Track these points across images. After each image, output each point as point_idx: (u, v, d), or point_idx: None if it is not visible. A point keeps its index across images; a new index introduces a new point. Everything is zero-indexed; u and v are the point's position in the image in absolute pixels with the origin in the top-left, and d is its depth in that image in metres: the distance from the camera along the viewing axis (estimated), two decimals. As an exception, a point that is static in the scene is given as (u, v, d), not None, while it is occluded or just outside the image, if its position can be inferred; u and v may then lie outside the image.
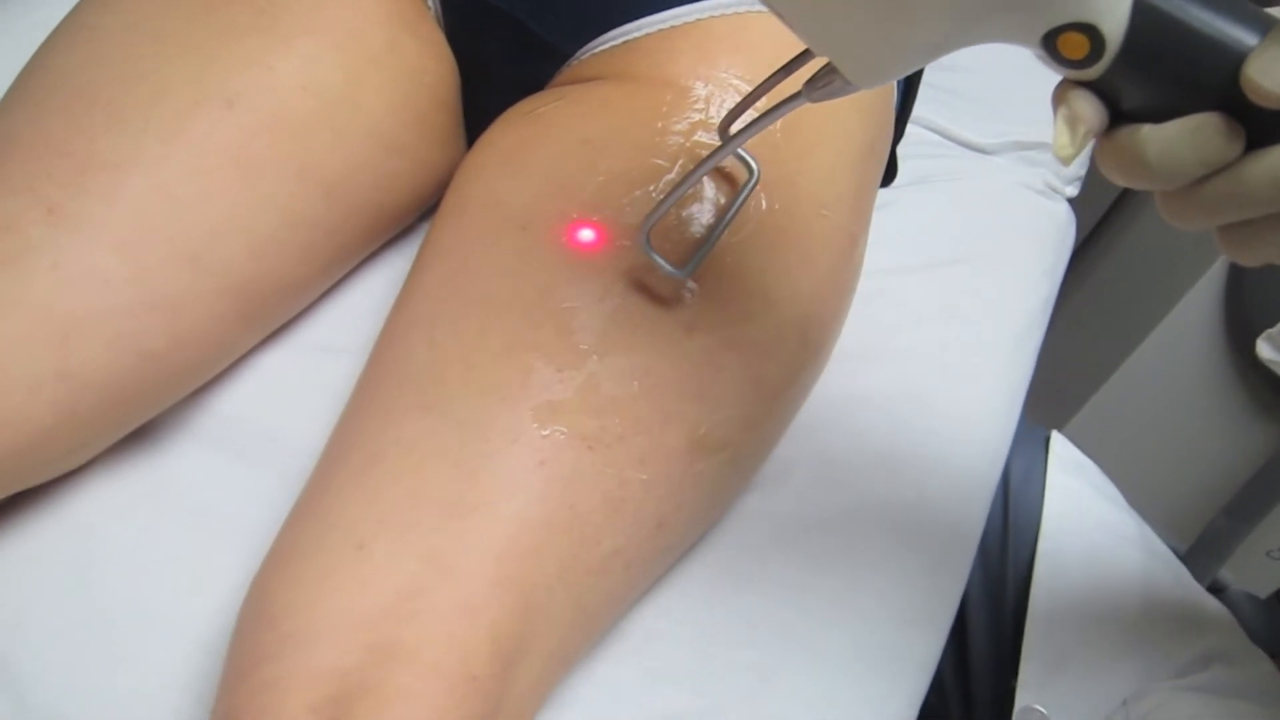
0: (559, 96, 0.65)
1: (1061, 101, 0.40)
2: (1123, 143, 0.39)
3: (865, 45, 0.42)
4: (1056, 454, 0.92)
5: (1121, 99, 0.40)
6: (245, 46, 0.63)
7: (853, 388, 0.77)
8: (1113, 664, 0.78)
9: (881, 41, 0.41)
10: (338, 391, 0.68)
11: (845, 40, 0.42)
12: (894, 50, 0.41)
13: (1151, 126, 0.39)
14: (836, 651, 0.66)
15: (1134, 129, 0.39)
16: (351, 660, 0.47)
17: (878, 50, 0.42)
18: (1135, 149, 0.39)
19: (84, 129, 0.59)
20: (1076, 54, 0.38)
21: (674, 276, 0.56)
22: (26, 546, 0.62)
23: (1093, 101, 0.40)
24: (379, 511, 0.51)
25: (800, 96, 0.47)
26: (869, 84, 0.43)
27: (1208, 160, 0.38)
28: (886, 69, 0.42)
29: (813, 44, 0.43)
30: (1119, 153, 0.40)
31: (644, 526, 0.56)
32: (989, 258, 0.91)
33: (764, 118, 0.49)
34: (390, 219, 0.73)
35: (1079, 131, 0.39)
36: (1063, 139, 0.40)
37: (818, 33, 0.42)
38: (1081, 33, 0.38)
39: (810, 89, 0.46)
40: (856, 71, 0.43)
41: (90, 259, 0.57)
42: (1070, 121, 0.39)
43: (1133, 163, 0.39)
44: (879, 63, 0.42)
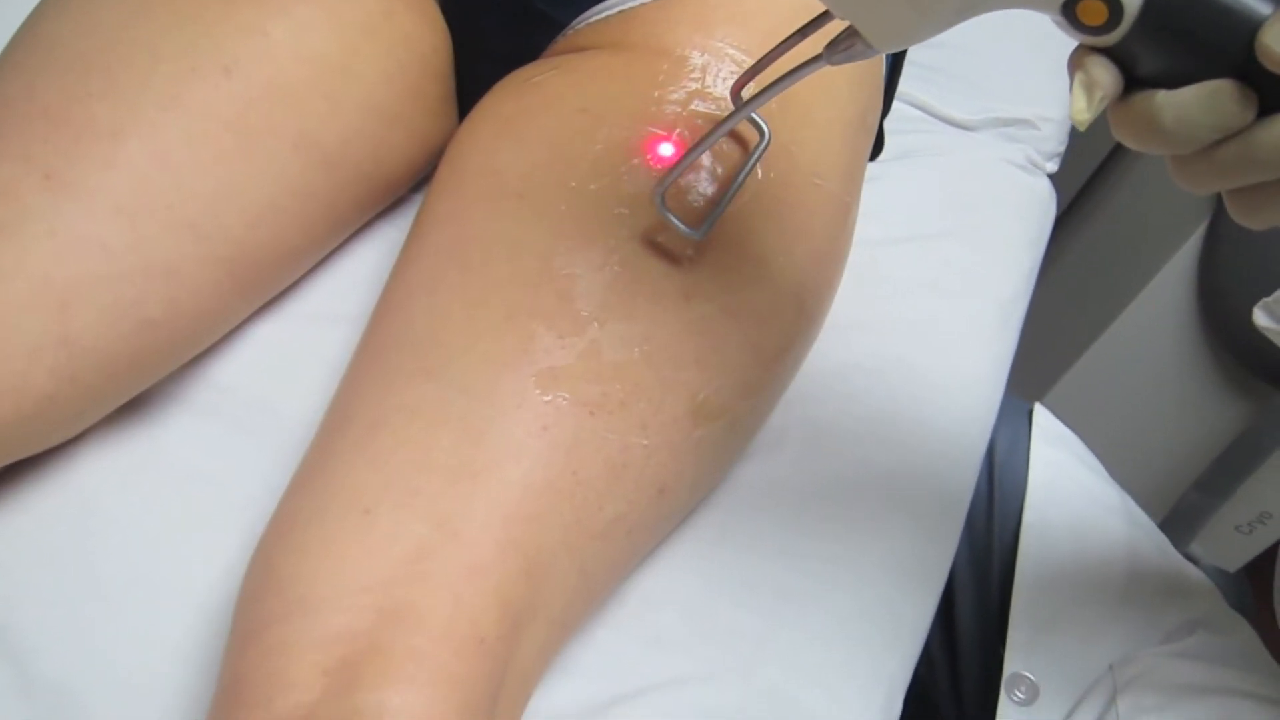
0: (555, 66, 0.65)
1: (1078, 67, 0.40)
2: (1138, 108, 0.40)
3: (889, 9, 0.42)
4: (1040, 426, 0.93)
5: (1137, 65, 0.40)
6: (241, 13, 0.63)
7: (844, 356, 0.78)
8: (1099, 631, 0.79)
9: (906, 6, 0.41)
10: (332, 360, 0.68)
11: (869, 4, 0.42)
12: (918, 14, 0.41)
13: (1166, 93, 0.39)
14: (832, 616, 0.67)
15: (1149, 95, 0.40)
16: (361, 623, 0.47)
17: (901, 14, 0.42)
18: (1151, 114, 0.39)
19: (80, 96, 0.59)
20: (1095, 20, 0.39)
21: (689, 236, 0.56)
22: (25, 518, 0.62)
23: (1109, 67, 0.40)
24: (384, 477, 0.51)
25: (820, 60, 0.47)
26: (891, 48, 0.43)
27: (1221, 126, 0.39)
28: (909, 33, 0.42)
29: (835, 7, 0.43)
30: (1134, 118, 0.40)
31: (645, 492, 0.56)
32: (974, 231, 0.91)
33: (782, 80, 0.49)
34: (384, 189, 0.73)
35: (1095, 97, 0.40)
36: (1079, 104, 0.40)
37: None
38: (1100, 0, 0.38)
39: (831, 52, 0.46)
40: (879, 35, 0.43)
41: (88, 226, 0.57)
42: (1087, 87, 0.40)
43: (1148, 128, 0.40)
44: (902, 27, 0.42)
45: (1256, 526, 1.39)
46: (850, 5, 0.43)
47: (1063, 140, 1.06)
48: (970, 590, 0.86)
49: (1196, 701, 0.72)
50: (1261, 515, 1.38)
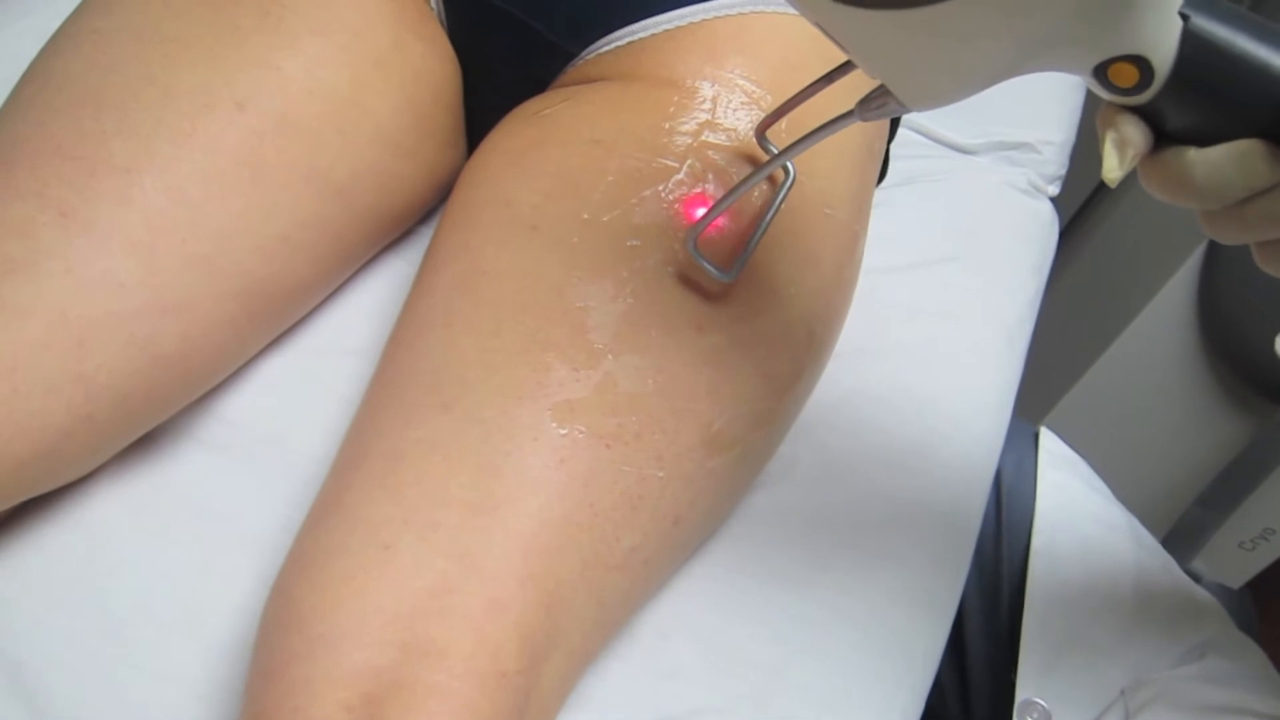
0: (565, 97, 0.65)
1: (1109, 125, 0.41)
2: (1169, 165, 0.41)
3: (924, 72, 0.42)
4: (1046, 449, 0.93)
5: (1166, 122, 0.41)
6: (252, 48, 0.63)
7: (852, 384, 0.78)
8: (1109, 655, 0.79)
9: (941, 70, 0.42)
10: (342, 394, 0.69)
11: (904, 67, 0.43)
12: (952, 78, 0.42)
13: (1197, 150, 0.40)
14: (844, 645, 0.67)
15: (1180, 151, 0.41)
16: (384, 659, 0.47)
17: (936, 77, 0.42)
18: (1182, 172, 0.41)
19: (94, 132, 0.59)
20: (1127, 83, 0.40)
21: (720, 280, 0.57)
22: (38, 556, 0.62)
23: (1140, 126, 0.41)
24: (403, 511, 0.51)
25: (852, 115, 0.47)
26: (922, 107, 0.44)
27: (1252, 185, 0.40)
28: (942, 95, 0.43)
29: (869, 69, 0.44)
30: (1165, 174, 0.41)
31: (661, 523, 0.56)
32: (978, 256, 0.92)
33: (815, 133, 0.50)
34: (395, 221, 0.73)
35: (1127, 155, 0.41)
36: (1111, 161, 0.41)
37: (876, 59, 0.43)
38: (1132, 63, 0.39)
39: (863, 109, 0.46)
40: (911, 95, 0.44)
41: (104, 262, 0.57)
42: (1119, 145, 0.41)
43: (1179, 184, 0.41)
44: (935, 88, 0.43)
45: (1260, 543, 1.39)
46: (884, 67, 0.43)
47: (1064, 163, 1.06)
48: (980, 616, 0.86)
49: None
50: (1265, 531, 1.38)
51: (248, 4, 0.64)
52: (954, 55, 0.41)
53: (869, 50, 0.43)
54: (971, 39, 0.40)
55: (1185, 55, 0.39)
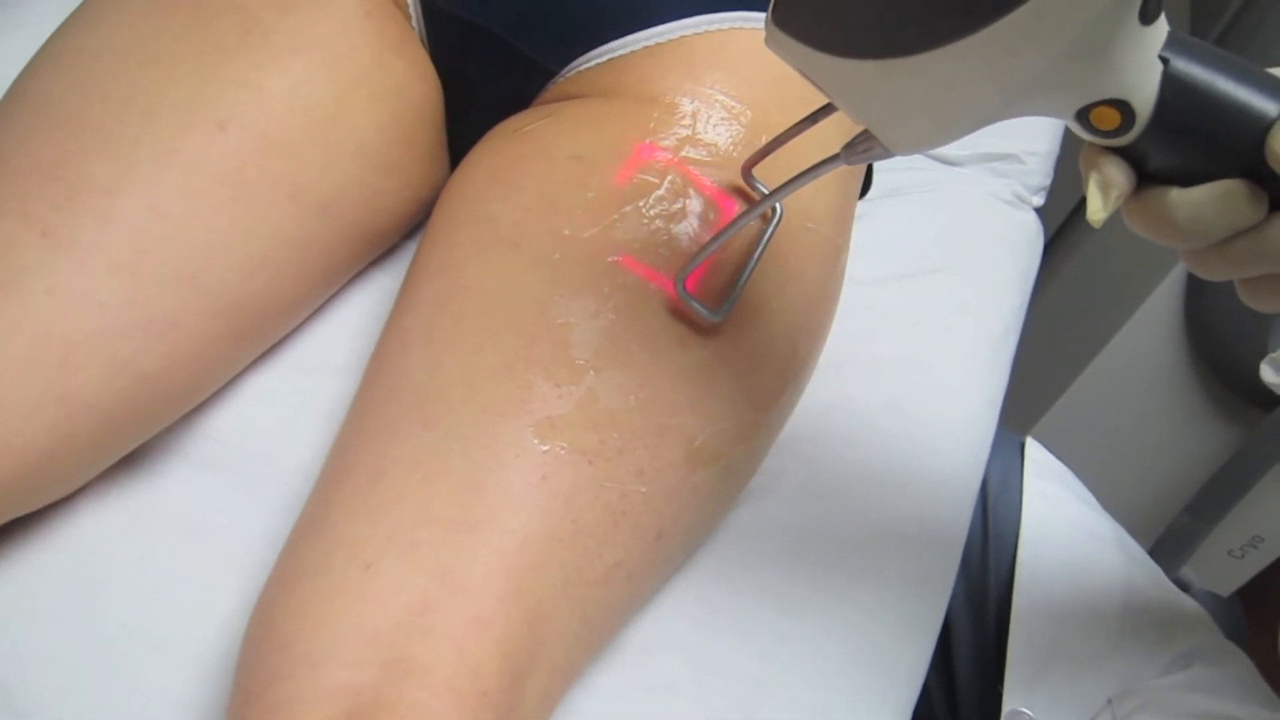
0: (546, 114, 0.65)
1: (1092, 167, 0.42)
2: (1152, 205, 0.42)
3: (908, 118, 0.43)
4: (1032, 459, 0.93)
5: (1148, 162, 0.42)
6: (234, 67, 0.63)
7: (836, 396, 0.78)
8: (1096, 665, 0.79)
9: (925, 116, 0.42)
10: (327, 410, 0.69)
11: (889, 113, 0.43)
12: (936, 124, 0.43)
13: (1179, 191, 0.41)
14: (831, 658, 0.67)
15: (1162, 192, 0.41)
16: (365, 678, 0.47)
17: (920, 123, 0.43)
18: (1165, 212, 0.41)
19: (75, 152, 0.59)
20: (1109, 126, 0.40)
21: (709, 320, 0.57)
22: (24, 574, 0.62)
23: (1123, 167, 0.42)
24: (385, 530, 0.51)
25: (838, 159, 0.48)
26: (907, 152, 0.45)
27: (1234, 225, 0.41)
28: (926, 140, 0.44)
29: (854, 115, 0.44)
30: (1148, 214, 0.42)
31: (644, 538, 0.56)
32: (963, 267, 0.92)
33: (802, 176, 0.51)
34: (378, 238, 0.73)
35: (1111, 196, 0.41)
36: (1095, 203, 0.42)
37: (861, 105, 0.44)
38: (1113, 107, 0.40)
39: (849, 153, 0.47)
40: (896, 141, 0.44)
41: (86, 282, 0.57)
42: (1103, 187, 0.41)
43: (1163, 224, 0.42)
44: (920, 134, 0.44)
45: (1249, 550, 1.40)
46: (869, 113, 0.44)
47: (1049, 174, 1.06)
48: (967, 627, 0.86)
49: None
50: (1254, 539, 1.38)
51: (229, 23, 0.64)
52: (938, 102, 0.42)
53: (854, 97, 0.44)
54: (955, 87, 0.40)
55: (1166, 98, 0.40)
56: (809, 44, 0.42)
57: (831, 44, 0.42)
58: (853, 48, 0.41)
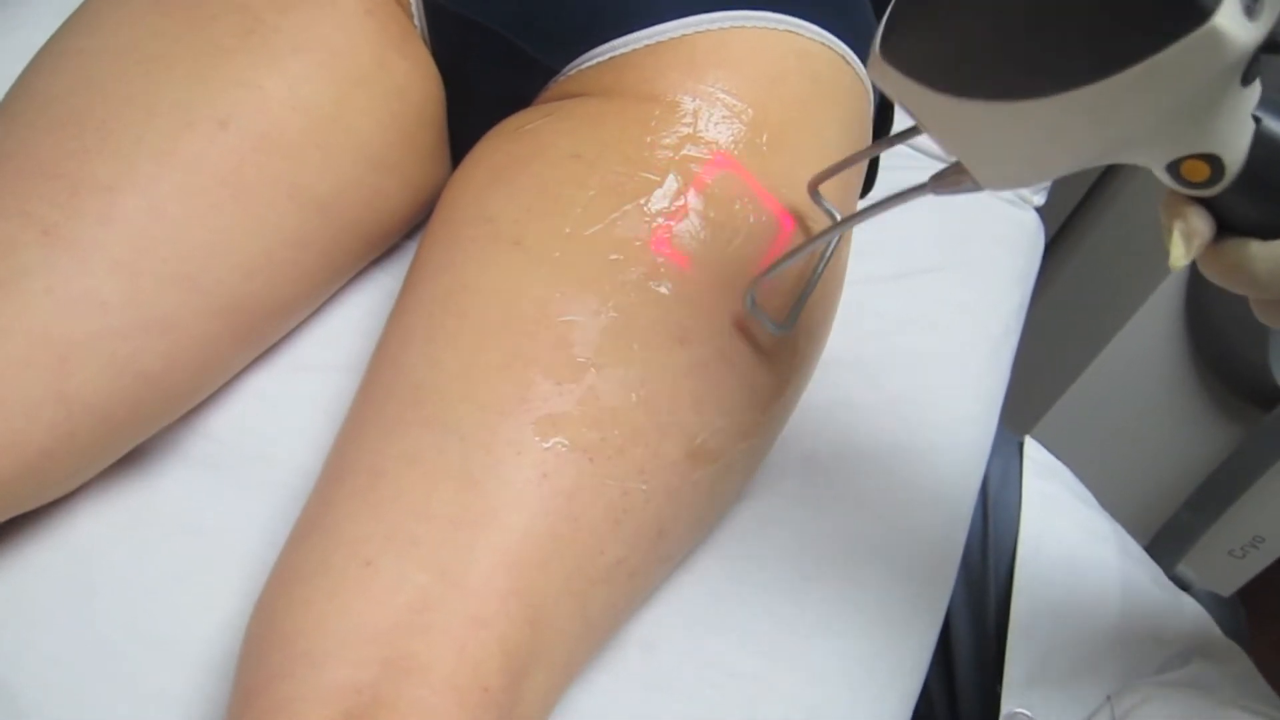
0: (547, 113, 0.65)
1: (1177, 215, 0.43)
2: (1231, 255, 0.43)
3: (1006, 159, 0.43)
4: (1031, 459, 0.94)
5: (1230, 214, 0.43)
6: (235, 66, 0.63)
7: (838, 395, 0.78)
8: (1095, 664, 0.79)
9: (1023, 158, 0.43)
10: (327, 409, 0.69)
11: (985, 151, 0.44)
12: (1031, 166, 0.43)
13: (1260, 244, 0.42)
14: (831, 656, 0.67)
15: (1243, 244, 0.43)
16: (366, 676, 0.47)
17: (1015, 164, 0.43)
18: (1245, 264, 0.42)
19: (75, 151, 0.59)
20: (1198, 178, 0.41)
21: (777, 334, 0.59)
22: (23, 574, 0.62)
23: (1206, 217, 0.43)
24: (385, 528, 0.51)
25: (924, 188, 0.49)
26: (998, 188, 0.45)
27: None
28: (1019, 179, 0.44)
29: (950, 150, 0.45)
30: (1226, 264, 0.43)
31: (645, 536, 0.56)
32: (964, 266, 0.92)
33: (885, 203, 0.53)
34: (379, 238, 0.73)
35: (1194, 244, 0.43)
36: (1178, 250, 0.43)
37: (959, 142, 0.44)
38: (1204, 161, 0.41)
39: (937, 184, 0.48)
40: (990, 178, 0.45)
41: (86, 281, 0.57)
42: (1185, 235, 0.42)
43: (1241, 276, 0.43)
44: (1014, 174, 0.44)
45: (1250, 550, 1.39)
46: (965, 149, 0.44)
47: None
48: (966, 626, 0.86)
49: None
50: (1255, 539, 1.38)
51: (230, 23, 0.64)
52: (1038, 146, 0.42)
53: (952, 133, 0.44)
54: (1059, 134, 0.41)
55: (1256, 155, 0.41)
56: (915, 78, 0.43)
57: (938, 81, 0.42)
58: (961, 87, 0.42)
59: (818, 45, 0.65)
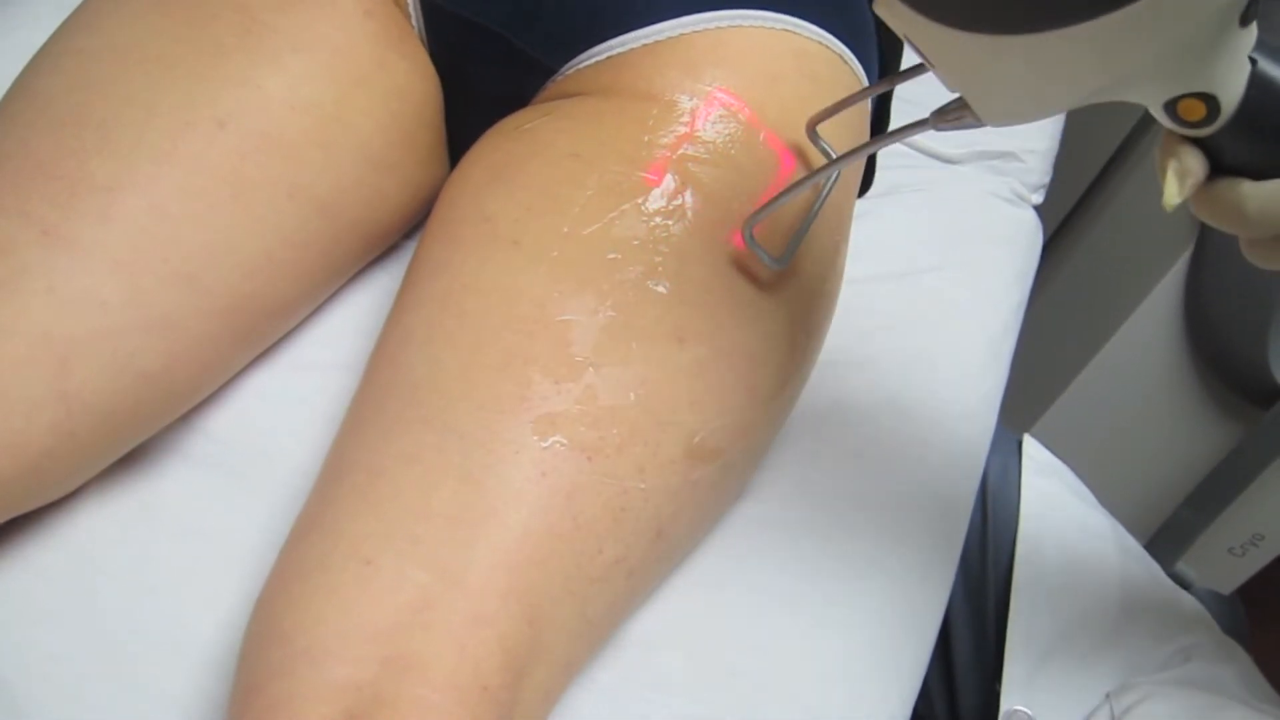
0: (545, 112, 0.65)
1: (1171, 155, 0.44)
2: (1224, 196, 0.43)
3: (1007, 93, 0.44)
4: (1030, 457, 0.94)
5: (1223, 155, 0.43)
6: (234, 66, 0.63)
7: (836, 394, 0.78)
8: (1095, 661, 0.79)
9: (1024, 92, 0.44)
10: (327, 408, 0.69)
11: (988, 85, 0.44)
12: (1033, 101, 0.44)
13: (1252, 184, 0.43)
14: (831, 655, 0.67)
15: (1235, 183, 0.43)
16: (366, 674, 0.47)
17: (1017, 98, 0.44)
18: (1236, 203, 0.43)
19: (75, 151, 0.59)
20: (1193, 117, 0.42)
21: (774, 268, 0.59)
22: (24, 574, 0.62)
23: (1199, 157, 0.43)
24: (385, 526, 0.51)
25: (925, 124, 0.49)
26: (999, 124, 0.46)
27: None
28: (1020, 114, 0.45)
29: (952, 82, 0.45)
30: (1219, 204, 0.44)
31: (644, 535, 0.57)
32: (963, 265, 0.92)
33: (883, 138, 0.52)
34: (378, 237, 0.73)
35: (1186, 183, 0.43)
36: (1171, 189, 0.43)
37: (962, 75, 0.45)
38: (1200, 100, 0.41)
39: (938, 119, 0.48)
40: (990, 112, 0.45)
41: (86, 281, 0.57)
42: (1180, 174, 0.43)
43: (1232, 214, 0.43)
44: (1014, 108, 0.45)
45: (1249, 548, 1.40)
46: (968, 84, 0.45)
47: (1047, 171, 1.07)
48: (966, 625, 0.86)
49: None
50: (1254, 537, 1.39)
51: (230, 23, 0.65)
52: (1040, 81, 0.43)
53: (956, 66, 0.44)
54: (1061, 68, 0.41)
55: (1250, 96, 0.41)
56: (921, 10, 0.43)
57: (944, 13, 0.42)
58: (966, 20, 0.42)
59: (815, 45, 0.66)
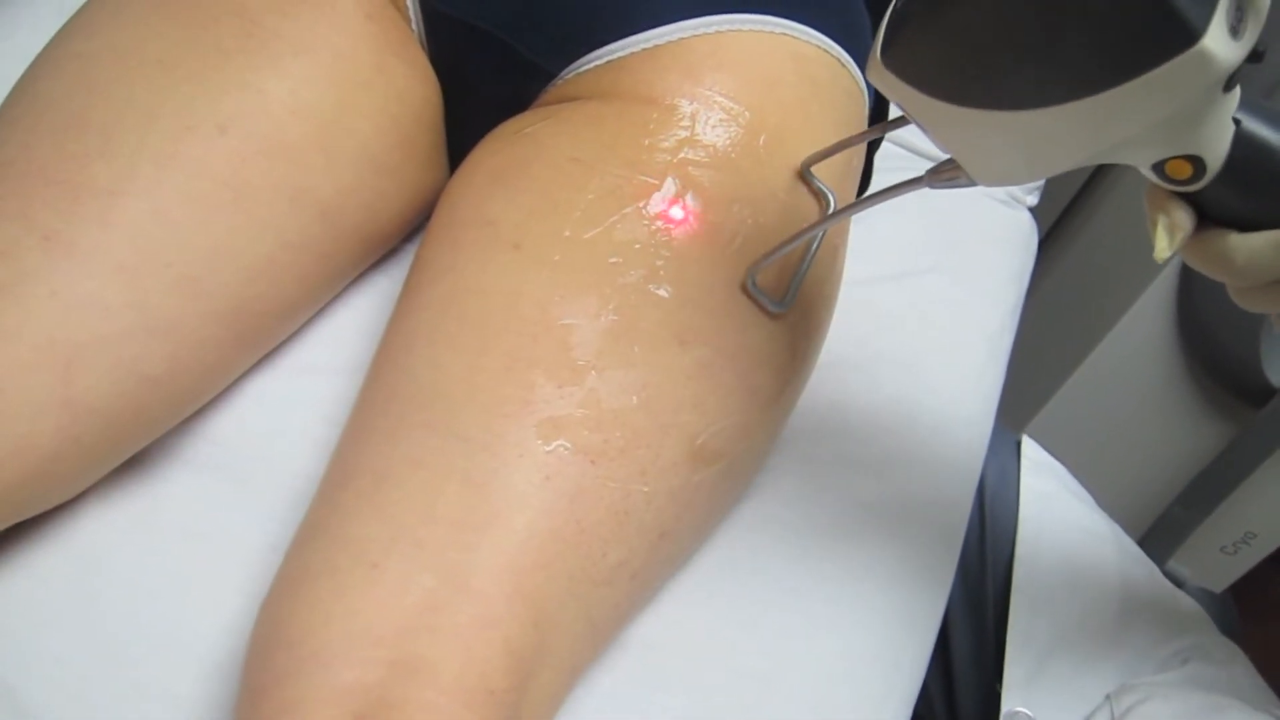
0: (545, 116, 0.65)
1: (1160, 210, 0.45)
2: (1213, 247, 0.45)
3: (1001, 159, 0.45)
4: (1028, 457, 0.94)
5: (1210, 208, 0.45)
6: (235, 70, 0.63)
7: (835, 395, 0.78)
8: (1094, 662, 0.79)
9: (1018, 159, 0.45)
10: (329, 413, 0.69)
11: (983, 153, 0.46)
12: (1026, 166, 0.45)
13: (1239, 236, 0.45)
14: (832, 656, 0.67)
15: (1222, 235, 0.45)
16: (373, 677, 0.47)
17: (1011, 164, 0.45)
18: (1225, 254, 0.45)
19: (77, 155, 0.59)
20: (1181, 175, 0.44)
21: (775, 312, 0.60)
22: (28, 579, 0.62)
23: (1188, 211, 0.45)
24: (391, 529, 0.51)
25: (919, 181, 0.51)
26: (991, 185, 0.47)
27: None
28: (1014, 177, 0.46)
29: (948, 149, 0.47)
30: (1208, 254, 0.46)
31: (647, 537, 0.57)
32: (958, 266, 0.92)
33: (881, 194, 0.54)
34: (379, 241, 0.73)
35: (1176, 237, 0.45)
36: (1162, 243, 0.45)
37: (956, 143, 0.46)
38: (1188, 160, 0.43)
39: (933, 178, 0.50)
40: (983, 175, 0.47)
41: (89, 285, 0.57)
42: (1169, 229, 0.45)
43: (1221, 264, 0.45)
44: (1009, 172, 0.46)
45: (1241, 547, 1.40)
46: (962, 149, 0.46)
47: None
48: (965, 624, 0.86)
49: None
50: (1246, 535, 1.39)
51: (230, 26, 0.65)
52: (1033, 149, 0.44)
53: (950, 135, 0.46)
54: (1054, 139, 0.43)
55: (1235, 154, 0.43)
56: (916, 86, 0.45)
57: (938, 89, 0.44)
58: (961, 96, 0.43)
59: (814, 49, 0.66)
